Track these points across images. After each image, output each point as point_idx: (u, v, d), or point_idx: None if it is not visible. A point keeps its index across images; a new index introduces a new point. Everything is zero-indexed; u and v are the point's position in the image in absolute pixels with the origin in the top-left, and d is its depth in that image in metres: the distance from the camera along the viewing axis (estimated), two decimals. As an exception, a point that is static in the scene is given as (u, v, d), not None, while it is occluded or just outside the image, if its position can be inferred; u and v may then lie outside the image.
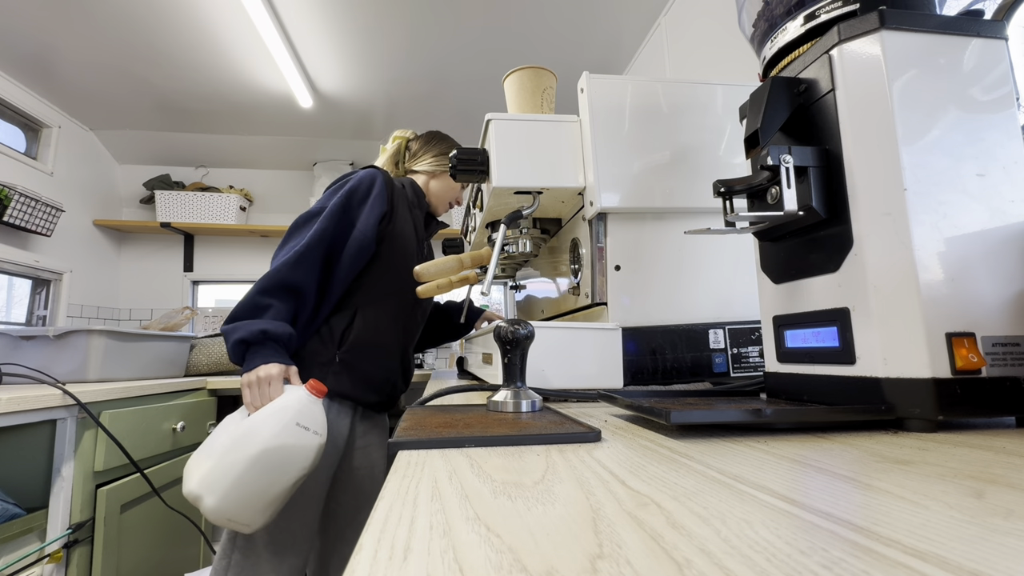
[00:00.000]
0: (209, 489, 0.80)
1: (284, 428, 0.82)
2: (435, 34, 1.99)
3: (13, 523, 1.08)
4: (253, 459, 0.80)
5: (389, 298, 1.13)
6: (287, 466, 0.82)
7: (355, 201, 1.08)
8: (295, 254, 0.98)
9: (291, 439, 0.82)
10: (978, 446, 0.37)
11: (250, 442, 0.81)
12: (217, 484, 0.79)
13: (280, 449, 0.81)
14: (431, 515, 0.24)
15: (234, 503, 0.80)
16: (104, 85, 2.29)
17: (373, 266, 1.11)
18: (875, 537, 0.20)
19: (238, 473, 0.79)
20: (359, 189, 1.10)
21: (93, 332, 1.45)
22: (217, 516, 0.80)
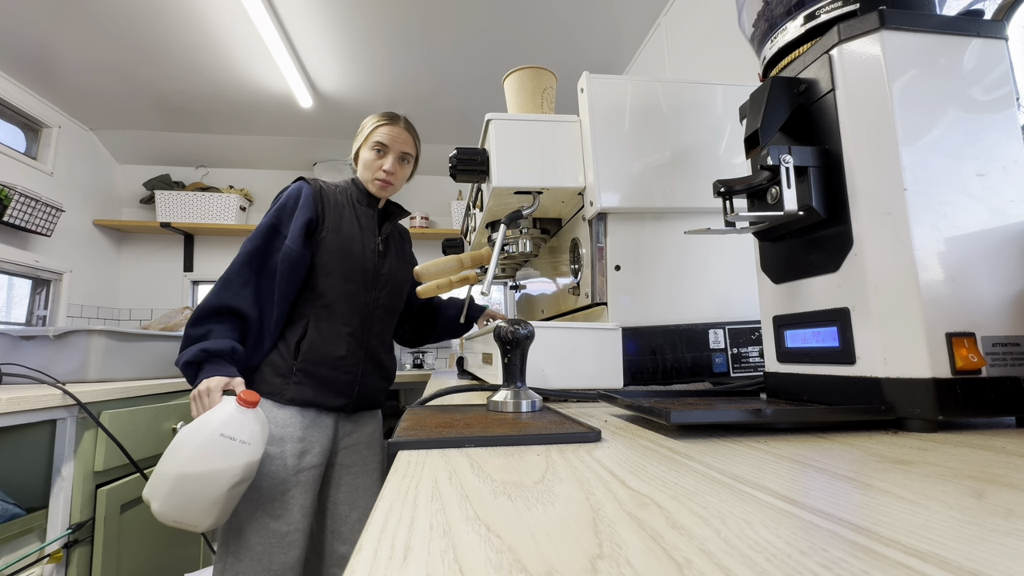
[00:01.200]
0: (153, 495, 0.87)
1: (205, 441, 0.87)
2: (435, 34, 1.99)
3: (13, 523, 1.08)
4: (178, 472, 0.86)
5: (340, 303, 1.13)
6: (213, 476, 0.87)
7: (284, 216, 1.10)
8: (221, 279, 1.04)
9: (211, 451, 0.87)
10: (978, 446, 0.37)
11: (176, 455, 0.87)
12: (158, 491, 0.86)
13: (199, 461, 0.86)
14: (431, 515, 0.24)
15: (173, 509, 0.86)
16: (104, 85, 2.29)
17: (316, 275, 1.12)
18: (875, 537, 0.20)
19: (171, 483, 0.86)
20: (287, 204, 1.11)
21: (93, 332, 1.45)
22: (163, 518, 0.87)
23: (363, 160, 1.19)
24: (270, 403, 1.07)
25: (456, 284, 1.20)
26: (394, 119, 1.20)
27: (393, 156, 1.18)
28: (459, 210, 2.95)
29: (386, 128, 1.18)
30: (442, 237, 2.43)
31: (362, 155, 1.20)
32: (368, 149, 1.18)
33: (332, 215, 1.14)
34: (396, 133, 1.18)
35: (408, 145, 1.21)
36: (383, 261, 1.21)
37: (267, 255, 1.08)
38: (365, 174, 1.19)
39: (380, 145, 1.17)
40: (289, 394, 1.07)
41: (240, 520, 1.01)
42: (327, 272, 1.12)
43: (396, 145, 1.18)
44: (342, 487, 1.18)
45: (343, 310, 1.13)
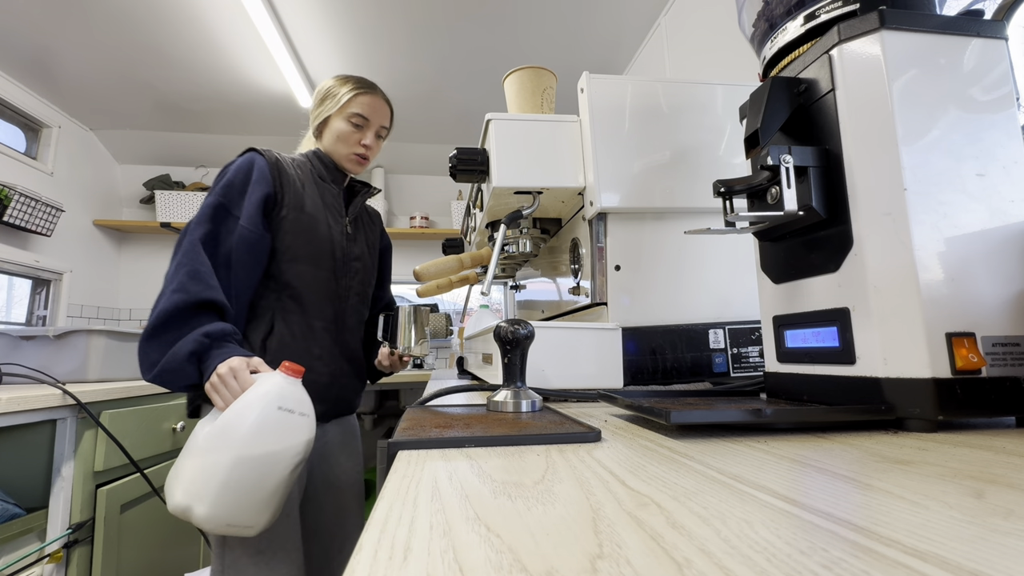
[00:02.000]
0: (197, 497, 0.72)
1: (263, 417, 0.74)
2: (435, 34, 1.99)
3: (13, 523, 1.08)
4: (235, 457, 0.72)
5: (310, 293, 0.97)
6: (275, 458, 0.75)
7: (234, 194, 0.91)
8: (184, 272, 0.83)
9: (271, 429, 0.75)
10: (978, 446, 0.37)
11: (231, 438, 0.73)
12: (205, 490, 0.71)
13: (259, 442, 0.74)
14: (431, 515, 0.24)
15: (227, 507, 0.72)
16: (104, 85, 2.29)
17: (278, 261, 0.95)
18: (875, 537, 0.20)
19: (225, 473, 0.72)
20: (235, 180, 0.92)
21: (93, 332, 1.45)
22: (213, 524, 0.73)
23: (336, 132, 1.03)
24: None
25: (456, 284, 1.20)
26: (372, 88, 1.06)
27: (372, 130, 1.05)
28: (459, 210, 2.95)
29: (367, 98, 1.04)
30: (442, 237, 2.43)
31: (334, 125, 1.03)
32: (343, 120, 1.02)
33: (291, 191, 0.98)
34: (377, 105, 1.05)
35: (387, 118, 1.08)
36: (352, 245, 1.07)
37: (218, 241, 0.89)
38: (339, 148, 1.04)
39: (359, 118, 1.03)
40: None
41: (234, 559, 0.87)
42: (291, 257, 0.96)
43: (376, 119, 1.05)
44: (326, 508, 1.03)
45: (314, 300, 0.98)
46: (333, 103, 1.03)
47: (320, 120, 1.05)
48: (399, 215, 3.17)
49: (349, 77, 1.05)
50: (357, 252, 1.07)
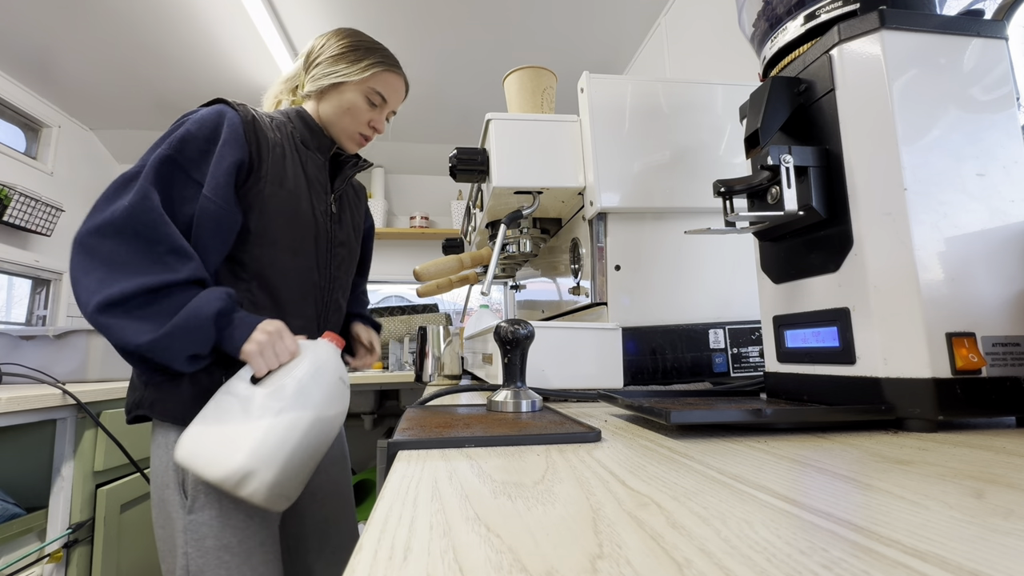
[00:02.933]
0: (266, 461, 0.65)
1: (334, 382, 0.72)
2: (435, 34, 1.99)
3: (13, 523, 1.08)
4: (316, 417, 0.68)
5: (287, 286, 0.83)
6: (335, 425, 0.73)
7: (193, 152, 0.74)
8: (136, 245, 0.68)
9: (336, 396, 0.73)
10: (978, 446, 0.37)
11: (309, 398, 0.69)
12: (276, 453, 0.66)
13: (333, 402, 0.72)
14: (431, 515, 0.24)
15: (292, 474, 0.68)
16: (104, 85, 2.29)
17: (249, 245, 0.79)
18: (875, 537, 0.20)
19: (302, 435, 0.67)
20: (196, 135, 0.75)
21: (93, 332, 1.45)
22: (271, 493, 0.67)
23: (349, 104, 0.88)
24: None
25: (456, 284, 1.21)
26: (398, 66, 0.94)
27: (385, 112, 0.94)
28: (459, 210, 2.95)
29: (393, 78, 0.92)
30: (442, 237, 2.43)
31: (348, 96, 0.88)
32: (360, 94, 0.89)
33: (271, 160, 0.81)
34: (400, 87, 0.94)
35: (401, 102, 0.96)
36: (338, 228, 0.92)
37: (172, 209, 0.72)
38: (344, 120, 0.89)
39: (379, 97, 0.90)
40: None
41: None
42: (268, 242, 0.80)
43: (394, 101, 0.94)
44: (307, 520, 0.93)
45: (291, 296, 0.83)
46: (352, 70, 0.88)
47: (329, 83, 0.88)
48: (399, 215, 3.17)
49: (373, 45, 0.92)
50: (342, 236, 0.93)
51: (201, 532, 0.73)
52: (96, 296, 0.66)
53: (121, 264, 0.67)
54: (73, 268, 0.68)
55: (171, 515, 0.75)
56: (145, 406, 0.77)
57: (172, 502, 0.75)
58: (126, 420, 0.81)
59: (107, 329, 0.66)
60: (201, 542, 0.73)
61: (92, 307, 0.66)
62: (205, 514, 0.74)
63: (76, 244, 0.68)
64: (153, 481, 0.78)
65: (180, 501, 0.75)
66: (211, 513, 0.74)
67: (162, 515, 0.76)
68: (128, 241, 0.68)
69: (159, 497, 0.77)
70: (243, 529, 0.76)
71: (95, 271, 0.67)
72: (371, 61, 0.89)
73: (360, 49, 0.90)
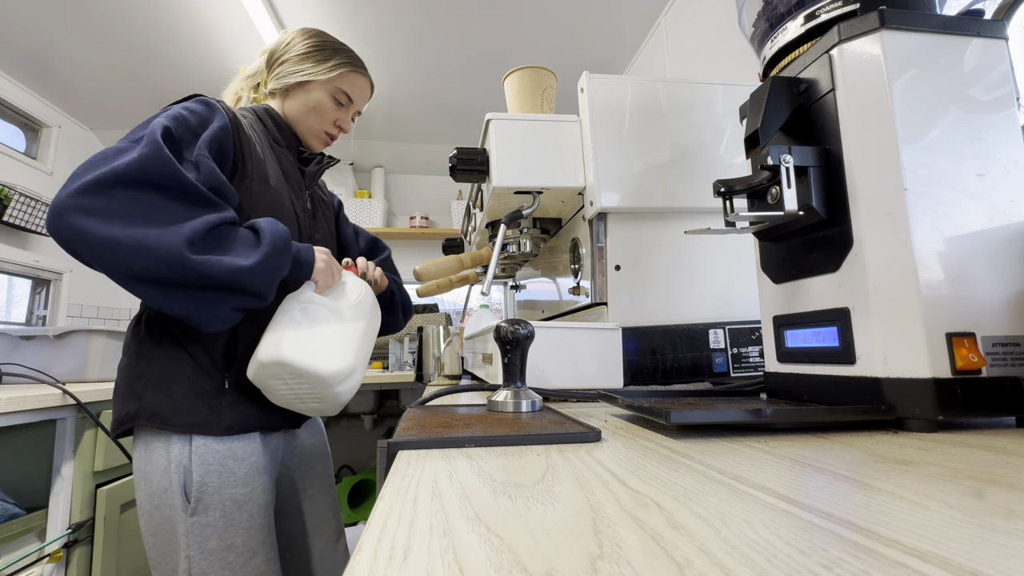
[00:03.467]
0: (362, 362, 0.79)
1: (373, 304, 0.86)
2: (435, 34, 1.99)
3: (13, 523, 1.08)
4: (376, 328, 0.84)
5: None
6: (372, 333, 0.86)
7: (186, 133, 0.70)
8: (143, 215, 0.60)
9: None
10: (978, 446, 0.37)
11: (375, 312, 0.84)
12: (366, 356, 0.80)
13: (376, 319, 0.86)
14: (431, 515, 0.24)
15: (362, 374, 0.80)
16: (104, 85, 2.29)
17: None
18: (875, 537, 0.20)
19: (371, 343, 0.82)
20: (190, 119, 0.71)
21: (93, 332, 1.45)
22: (351, 394, 0.79)
23: (315, 102, 0.89)
24: (201, 439, 0.74)
25: (456, 284, 1.21)
26: (364, 67, 0.95)
27: (351, 112, 0.95)
28: (459, 210, 2.95)
29: (358, 78, 0.93)
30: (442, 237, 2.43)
31: (314, 95, 0.89)
32: (326, 93, 0.89)
33: (253, 157, 0.80)
34: (365, 88, 0.95)
35: (366, 103, 0.98)
36: (315, 224, 0.93)
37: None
38: (310, 119, 0.90)
39: (346, 97, 0.92)
40: (226, 421, 0.76)
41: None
42: None
43: (360, 102, 0.95)
44: (297, 518, 0.94)
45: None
46: (319, 69, 0.89)
47: (294, 81, 0.88)
48: (399, 215, 3.17)
49: (339, 46, 0.92)
50: (319, 236, 0.94)
51: (204, 534, 0.73)
52: (173, 238, 0.59)
53: (160, 212, 0.61)
54: (90, 230, 0.57)
55: (171, 519, 0.74)
56: (144, 417, 0.74)
57: (172, 506, 0.74)
58: (115, 434, 0.78)
59: (205, 265, 0.61)
60: (204, 544, 0.73)
61: (176, 250, 0.59)
62: (209, 515, 0.74)
63: (71, 208, 0.57)
64: (144, 489, 0.76)
65: (182, 504, 0.74)
66: (215, 514, 0.74)
67: (155, 522, 0.75)
68: (150, 192, 0.61)
69: (153, 504, 0.75)
70: (247, 529, 0.76)
71: (135, 225, 0.59)
72: (338, 61, 0.90)
73: (327, 49, 0.90)
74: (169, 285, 0.62)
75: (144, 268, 0.59)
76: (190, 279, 0.61)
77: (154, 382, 0.75)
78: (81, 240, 0.58)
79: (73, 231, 0.57)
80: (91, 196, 0.58)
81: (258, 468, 0.79)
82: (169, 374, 0.75)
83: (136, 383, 0.76)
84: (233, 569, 0.74)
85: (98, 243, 0.58)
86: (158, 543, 0.75)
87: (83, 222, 0.57)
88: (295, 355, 0.72)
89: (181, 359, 0.76)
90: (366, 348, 0.81)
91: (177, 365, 0.75)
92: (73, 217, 0.57)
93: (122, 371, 0.80)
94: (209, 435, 0.75)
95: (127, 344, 0.81)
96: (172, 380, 0.75)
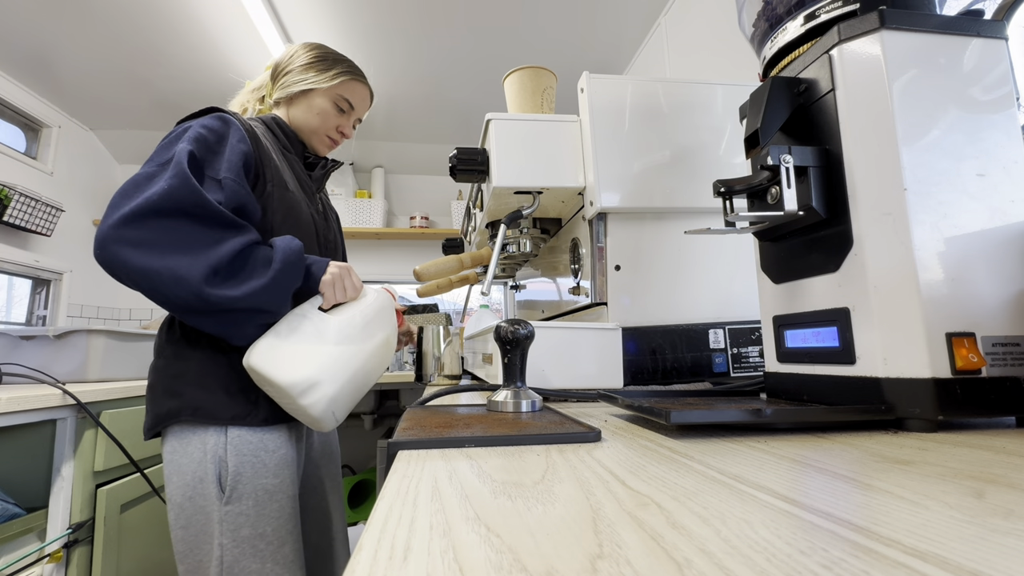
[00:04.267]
0: (331, 377, 0.76)
1: (391, 324, 0.84)
2: (435, 34, 1.99)
3: (13, 523, 1.08)
4: (372, 351, 0.79)
5: None
6: (385, 362, 0.83)
7: (207, 153, 0.75)
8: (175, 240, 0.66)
9: (392, 336, 0.85)
10: (978, 446, 0.37)
11: (371, 334, 0.80)
12: (340, 373, 0.76)
13: (390, 342, 0.83)
14: (431, 515, 0.24)
15: (347, 394, 0.78)
16: (104, 85, 2.29)
17: None
18: (875, 537, 0.20)
19: (360, 364, 0.78)
20: (208, 137, 0.76)
21: (93, 332, 1.45)
22: (327, 406, 0.75)
23: (316, 107, 0.94)
24: (240, 430, 0.79)
25: (456, 284, 1.21)
26: (363, 76, 1.00)
27: (353, 119, 1.00)
28: (459, 210, 2.95)
29: (359, 86, 0.99)
30: (442, 237, 2.43)
31: (316, 101, 0.94)
32: (327, 99, 0.95)
33: (271, 165, 0.85)
34: (366, 95, 1.01)
35: (366, 110, 1.03)
36: (327, 226, 0.99)
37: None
38: (313, 123, 0.95)
39: (347, 103, 0.97)
40: (263, 412, 0.81)
41: (246, 573, 0.77)
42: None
43: (360, 109, 1.01)
44: (309, 515, 0.97)
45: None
46: (322, 79, 0.94)
47: (298, 89, 0.94)
48: (399, 215, 3.17)
49: (340, 57, 0.98)
50: (331, 236, 1.00)
51: (238, 522, 0.77)
52: (196, 271, 0.66)
53: (189, 237, 0.67)
54: (131, 261, 0.64)
55: (204, 509, 0.77)
56: (187, 413, 0.78)
57: (207, 496, 0.77)
58: (152, 432, 0.82)
59: (224, 298, 0.68)
60: (237, 532, 0.77)
61: (196, 284, 0.66)
62: (242, 504, 0.78)
63: (113, 240, 0.64)
64: (177, 482, 0.79)
65: (217, 494, 0.77)
66: (248, 503, 0.78)
67: (187, 513, 0.78)
68: (180, 220, 0.67)
69: (185, 496, 0.78)
70: (276, 518, 0.80)
71: (169, 255, 0.66)
72: (339, 70, 0.96)
73: (328, 59, 0.96)
74: (199, 312, 0.70)
75: (176, 297, 0.67)
76: (214, 308, 0.69)
77: (194, 380, 0.79)
78: (123, 269, 0.65)
79: (116, 260, 0.65)
80: (128, 227, 0.65)
81: (287, 460, 0.83)
82: (208, 372, 0.80)
83: (175, 382, 0.80)
84: (263, 557, 0.78)
85: (136, 273, 0.65)
86: (187, 535, 0.79)
87: (124, 252, 0.64)
88: (258, 361, 0.74)
89: (217, 358, 0.80)
90: (342, 364, 0.77)
91: (214, 364, 0.80)
92: (115, 247, 0.64)
93: (158, 372, 0.83)
94: (248, 426, 0.80)
95: (160, 346, 0.85)
96: (211, 378, 0.80)
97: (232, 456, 0.78)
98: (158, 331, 0.86)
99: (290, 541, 0.82)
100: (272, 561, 0.79)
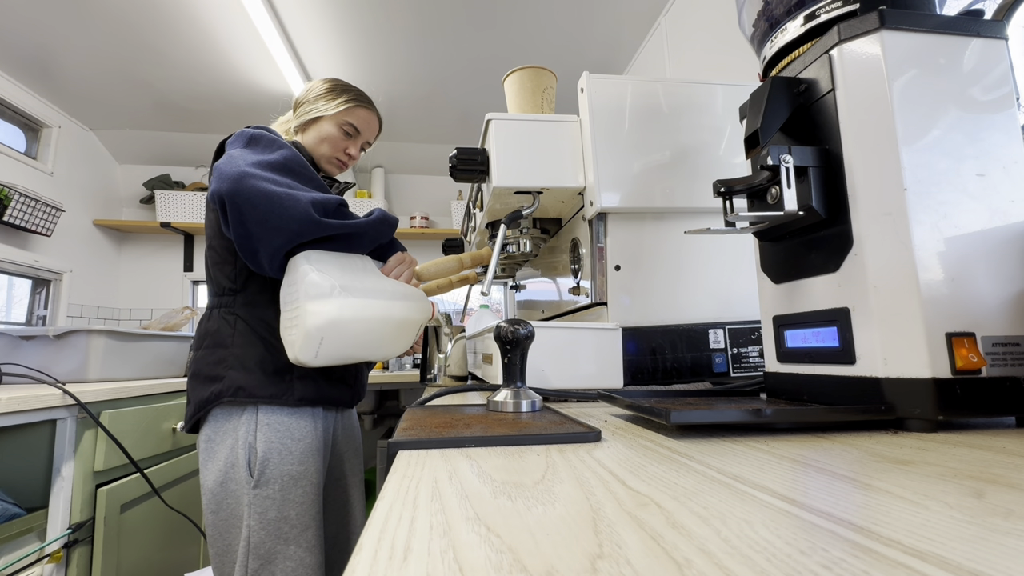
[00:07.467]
0: (350, 305, 0.80)
1: (418, 326, 0.91)
2: (435, 34, 1.99)
3: (13, 523, 1.08)
4: (397, 323, 0.86)
5: None
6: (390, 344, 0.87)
7: (295, 166, 0.86)
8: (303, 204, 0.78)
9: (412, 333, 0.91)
10: (978, 446, 0.37)
11: (406, 312, 0.87)
12: (358, 309, 0.81)
13: (406, 331, 0.88)
14: (431, 515, 0.24)
15: (344, 336, 0.80)
16: (104, 85, 2.29)
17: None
18: (875, 537, 0.20)
19: (376, 321, 0.83)
20: (293, 165, 0.86)
21: (93, 332, 1.45)
22: (322, 325, 0.77)
23: (324, 133, 1.04)
24: (275, 410, 0.87)
25: (456, 284, 1.20)
26: (370, 103, 1.10)
27: (360, 142, 1.10)
28: (459, 210, 2.95)
29: (364, 112, 1.08)
30: (442, 237, 2.43)
31: (324, 127, 1.04)
32: (335, 126, 1.04)
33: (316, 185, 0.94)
34: (371, 120, 1.10)
35: (375, 135, 1.14)
36: None
37: None
38: (323, 148, 1.05)
39: (352, 128, 1.06)
40: (298, 392, 0.88)
41: (271, 553, 0.83)
42: None
43: (367, 133, 1.10)
44: (330, 506, 1.02)
45: None
46: (330, 107, 1.04)
47: (310, 117, 1.05)
48: (399, 215, 3.17)
49: (348, 86, 1.08)
50: None
51: (265, 505, 0.84)
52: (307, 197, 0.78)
53: (305, 188, 0.81)
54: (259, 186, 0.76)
55: (235, 492, 0.85)
56: (228, 393, 0.86)
57: (238, 480, 0.85)
58: (188, 424, 0.90)
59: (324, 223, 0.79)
60: (264, 514, 0.84)
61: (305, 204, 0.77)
62: (269, 488, 0.84)
63: (250, 176, 0.76)
64: (211, 467, 0.86)
65: (247, 478, 0.84)
66: (274, 487, 0.85)
67: (219, 497, 0.85)
68: (298, 177, 0.83)
69: (218, 481, 0.85)
70: (300, 503, 0.86)
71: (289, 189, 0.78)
72: (345, 98, 1.06)
73: (337, 90, 1.07)
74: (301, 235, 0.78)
75: (290, 218, 0.76)
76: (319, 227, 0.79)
77: (236, 363, 0.88)
78: (254, 191, 0.75)
79: (250, 188, 0.75)
80: (260, 168, 0.79)
81: (312, 449, 0.90)
82: (248, 356, 0.89)
83: (218, 367, 0.88)
84: (287, 539, 0.84)
85: (260, 195, 0.75)
86: (218, 519, 0.85)
87: (256, 183, 0.76)
88: (309, 257, 0.81)
89: (255, 344, 0.89)
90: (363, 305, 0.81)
91: (254, 349, 0.89)
92: (251, 181, 0.76)
93: (200, 360, 0.91)
94: (283, 406, 0.88)
95: (200, 336, 0.93)
96: (251, 360, 0.88)
97: (260, 443, 0.85)
98: (197, 326, 0.95)
99: (313, 527, 0.87)
100: (295, 544, 0.85)
